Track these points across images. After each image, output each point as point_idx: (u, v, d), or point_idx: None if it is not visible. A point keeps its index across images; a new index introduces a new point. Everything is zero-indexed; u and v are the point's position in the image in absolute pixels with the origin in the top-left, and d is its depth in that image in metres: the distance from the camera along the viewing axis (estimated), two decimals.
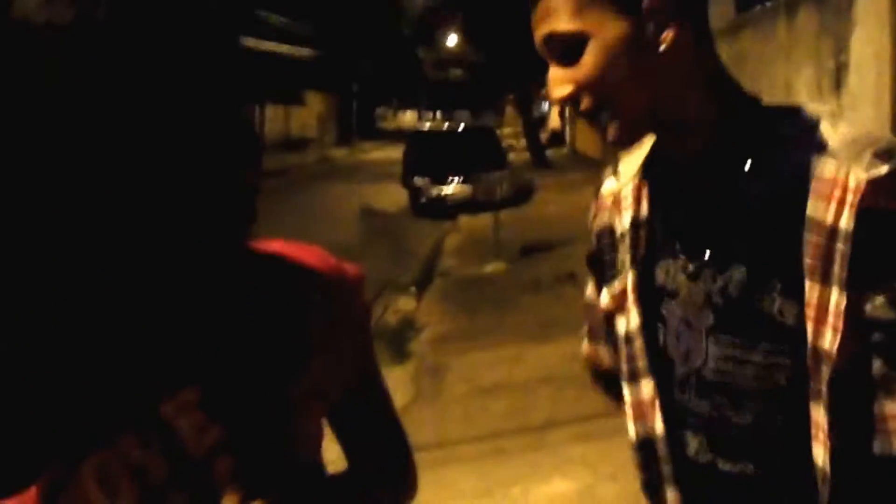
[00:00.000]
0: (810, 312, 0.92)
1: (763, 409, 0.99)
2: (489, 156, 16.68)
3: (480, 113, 50.19)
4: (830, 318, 0.91)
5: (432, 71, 39.71)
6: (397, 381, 6.06)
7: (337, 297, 0.93)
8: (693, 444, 1.06)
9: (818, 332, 0.92)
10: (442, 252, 11.48)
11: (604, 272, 1.18)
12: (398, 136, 37.21)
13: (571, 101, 1.00)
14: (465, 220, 13.94)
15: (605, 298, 1.17)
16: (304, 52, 31.24)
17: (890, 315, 0.89)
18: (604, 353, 1.28)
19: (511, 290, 8.64)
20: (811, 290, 0.92)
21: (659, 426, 1.09)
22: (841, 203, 0.90)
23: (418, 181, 16.22)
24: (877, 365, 0.91)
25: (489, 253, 10.40)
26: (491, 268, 9.97)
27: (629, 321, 1.12)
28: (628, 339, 1.12)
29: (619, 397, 1.18)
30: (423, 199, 16.00)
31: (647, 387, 1.10)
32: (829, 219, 0.91)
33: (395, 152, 24.99)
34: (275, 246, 0.94)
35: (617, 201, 1.15)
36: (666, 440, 1.09)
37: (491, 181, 14.65)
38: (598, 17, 0.95)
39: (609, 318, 1.17)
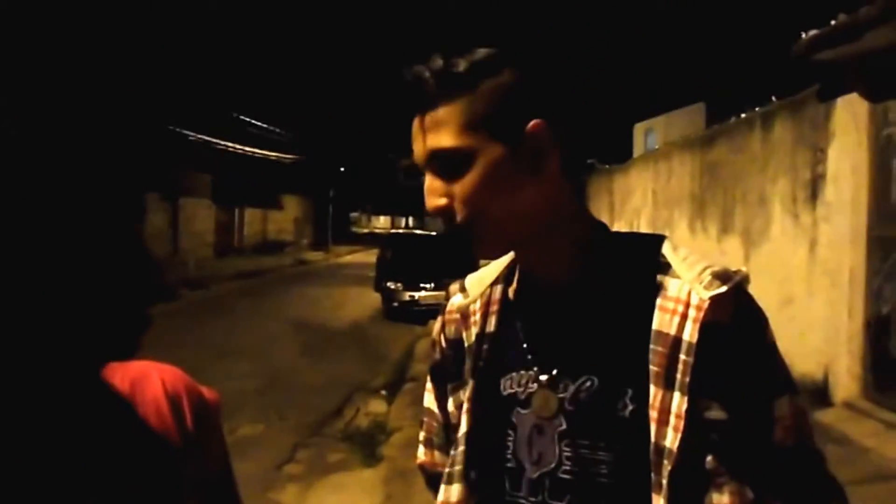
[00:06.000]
0: (654, 414, 1.02)
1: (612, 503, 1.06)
2: (461, 261, 16.65)
3: None
4: (672, 420, 1.00)
5: (406, 176, 40.20)
6: (367, 485, 5.88)
7: (193, 416, 0.99)
8: None
9: (660, 432, 1.01)
10: (413, 356, 11.31)
11: (447, 383, 1.26)
12: (372, 240, 37.34)
13: (445, 212, 1.07)
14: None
15: (450, 407, 1.25)
16: (283, 156, 31.62)
17: (722, 416, 1.00)
18: (439, 459, 1.33)
19: None
20: (655, 394, 1.02)
21: None
22: (684, 318, 1.02)
23: (391, 285, 16.19)
24: (709, 460, 1.00)
25: None
26: None
27: (459, 429, 1.19)
28: (455, 445, 1.19)
29: None
30: (396, 304, 15.93)
31: (456, 490, 1.18)
32: (673, 331, 1.02)
33: (369, 256, 25.05)
34: (135, 367, 0.99)
35: (465, 316, 1.24)
36: None
37: None
38: (482, 138, 1.03)
39: (453, 426, 1.24)
